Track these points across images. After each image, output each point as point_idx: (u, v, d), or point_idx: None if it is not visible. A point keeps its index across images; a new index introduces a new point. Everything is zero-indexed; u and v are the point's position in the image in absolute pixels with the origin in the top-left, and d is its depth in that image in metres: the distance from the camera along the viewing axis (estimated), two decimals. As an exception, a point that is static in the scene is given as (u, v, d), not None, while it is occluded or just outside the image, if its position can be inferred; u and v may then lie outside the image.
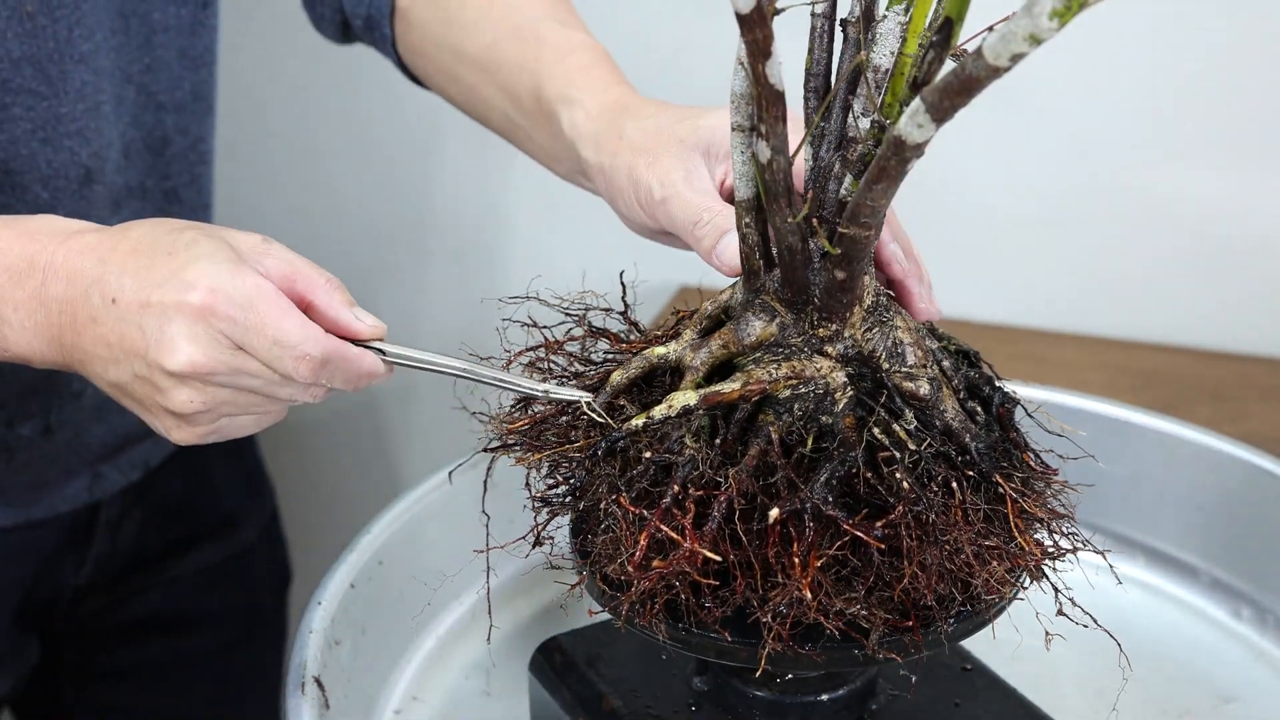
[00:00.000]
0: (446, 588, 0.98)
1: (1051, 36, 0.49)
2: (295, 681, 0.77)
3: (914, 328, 0.72)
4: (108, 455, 1.06)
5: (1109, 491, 1.01)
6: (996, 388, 0.74)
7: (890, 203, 0.64)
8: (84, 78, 0.91)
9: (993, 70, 0.52)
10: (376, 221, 1.66)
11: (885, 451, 0.68)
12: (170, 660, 1.18)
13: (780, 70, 0.62)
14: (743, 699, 0.77)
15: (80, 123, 0.91)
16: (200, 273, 0.66)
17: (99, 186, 0.94)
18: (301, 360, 0.67)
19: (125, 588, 1.13)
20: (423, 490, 0.94)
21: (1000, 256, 1.46)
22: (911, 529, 0.65)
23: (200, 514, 1.17)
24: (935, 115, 0.56)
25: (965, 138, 1.35)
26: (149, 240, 0.68)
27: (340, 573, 0.86)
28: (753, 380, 0.69)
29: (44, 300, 0.69)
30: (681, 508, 0.66)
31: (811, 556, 0.65)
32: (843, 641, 0.67)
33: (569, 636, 0.85)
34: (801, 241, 0.68)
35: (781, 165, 0.65)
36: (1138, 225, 1.40)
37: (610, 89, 0.88)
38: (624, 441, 0.69)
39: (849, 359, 0.70)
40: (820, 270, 0.69)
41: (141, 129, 0.98)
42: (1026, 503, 0.69)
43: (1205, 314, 1.41)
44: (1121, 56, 1.35)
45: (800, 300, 0.70)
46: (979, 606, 0.69)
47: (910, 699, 0.78)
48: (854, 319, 0.70)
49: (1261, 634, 0.97)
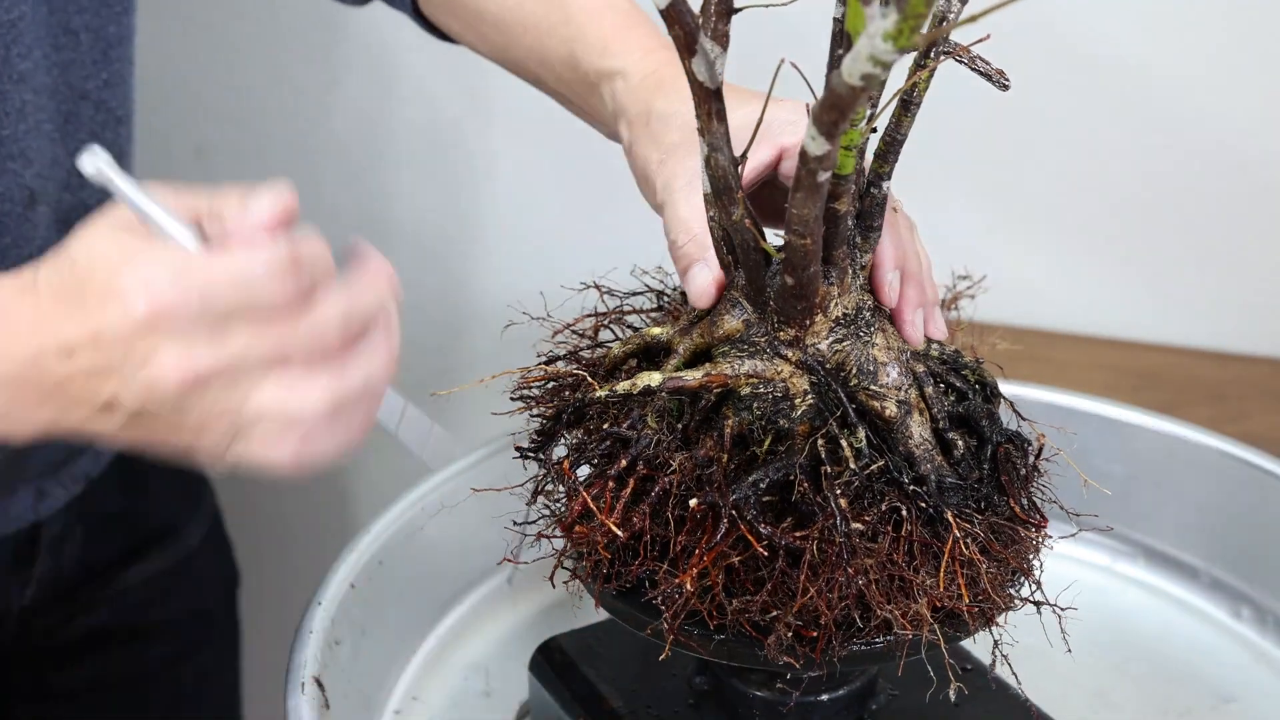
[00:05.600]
0: (446, 588, 0.98)
1: (891, 58, 0.48)
2: (295, 682, 0.77)
3: (896, 348, 0.72)
4: (50, 471, 1.03)
5: (1108, 491, 1.01)
6: (1000, 426, 0.73)
7: (817, 213, 0.63)
8: (24, 97, 0.87)
9: (851, 89, 0.52)
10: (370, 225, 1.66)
11: (825, 465, 0.67)
12: (124, 674, 1.15)
13: (713, 67, 0.62)
14: (742, 699, 0.77)
15: (22, 143, 0.88)
16: (124, 283, 0.57)
17: (43, 208, 0.91)
18: (275, 275, 0.58)
19: (73, 604, 1.10)
20: (423, 490, 0.94)
21: (1000, 256, 1.46)
22: (822, 546, 0.65)
23: (142, 523, 1.14)
24: (822, 130, 0.56)
25: (965, 138, 1.35)
26: (56, 282, 0.60)
27: (340, 573, 0.86)
28: (715, 372, 0.70)
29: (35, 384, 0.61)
30: (622, 483, 0.68)
31: (711, 551, 0.65)
32: (737, 638, 0.67)
33: (569, 636, 0.85)
34: (754, 240, 0.69)
35: (720, 163, 0.65)
36: (1138, 225, 1.40)
37: (649, 56, 0.83)
38: (595, 410, 0.71)
39: (810, 367, 0.70)
40: (776, 273, 0.69)
41: (102, 144, 0.92)
42: (970, 547, 0.67)
43: (1205, 314, 1.41)
44: (1122, 58, 1.35)
45: (762, 300, 0.71)
46: (889, 638, 0.67)
47: (910, 699, 0.78)
48: (817, 328, 0.70)
49: (1261, 634, 0.97)
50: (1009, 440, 0.73)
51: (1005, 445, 0.72)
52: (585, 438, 0.72)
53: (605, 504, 0.68)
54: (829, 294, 0.70)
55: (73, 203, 0.94)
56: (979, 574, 0.67)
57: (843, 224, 0.69)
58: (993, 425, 0.73)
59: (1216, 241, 1.38)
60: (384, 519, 0.91)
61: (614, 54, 0.84)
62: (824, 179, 0.60)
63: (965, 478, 0.70)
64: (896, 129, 0.71)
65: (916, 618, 0.66)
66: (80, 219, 0.91)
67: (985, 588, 0.67)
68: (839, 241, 0.69)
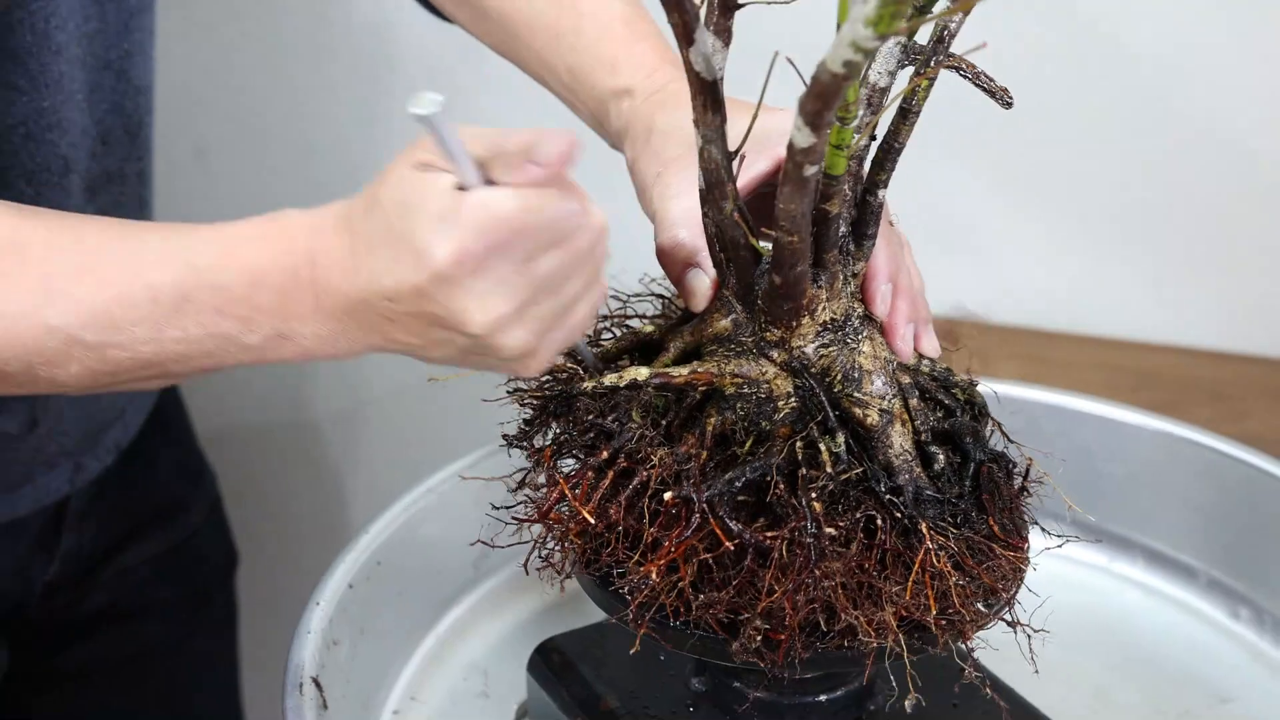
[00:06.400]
0: (444, 588, 0.98)
1: (873, 44, 0.49)
2: (294, 681, 0.77)
3: (884, 359, 0.72)
4: (86, 443, 1.05)
5: (1107, 491, 1.01)
6: (985, 445, 0.73)
7: (804, 210, 0.63)
8: (61, 68, 0.90)
9: (834, 76, 0.52)
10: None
11: (802, 468, 0.67)
12: (124, 654, 1.16)
13: (710, 59, 0.62)
14: (740, 699, 0.76)
15: (60, 114, 0.90)
16: (431, 237, 0.60)
17: (75, 175, 0.93)
18: (570, 212, 0.62)
19: (88, 582, 1.12)
20: (421, 490, 0.94)
21: (1000, 256, 1.46)
22: (791, 547, 0.65)
23: (147, 502, 1.16)
24: (808, 121, 0.56)
25: (967, 138, 1.35)
26: (368, 228, 0.63)
27: (339, 573, 0.86)
28: (700, 369, 0.70)
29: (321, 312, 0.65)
30: (601, 474, 0.69)
31: (681, 544, 0.65)
32: (706, 632, 0.68)
33: (567, 637, 0.85)
34: (744, 238, 0.69)
35: (713, 156, 0.65)
36: (1138, 225, 1.40)
37: (655, 73, 0.84)
38: (583, 403, 0.72)
39: (794, 369, 0.70)
40: (765, 273, 0.69)
41: (122, 115, 0.97)
42: (942, 559, 0.67)
43: (1205, 314, 1.41)
44: (1122, 58, 1.35)
45: (750, 299, 0.71)
46: (853, 643, 0.67)
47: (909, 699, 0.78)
48: (803, 330, 0.70)
49: (1260, 634, 0.97)
50: (993, 460, 0.72)
51: (989, 465, 0.72)
52: (570, 428, 0.73)
53: (582, 492, 0.69)
54: (817, 297, 0.70)
55: (98, 171, 0.96)
56: (949, 587, 0.67)
57: (834, 226, 0.69)
58: (977, 443, 0.72)
59: (1216, 241, 1.38)
60: (383, 519, 0.91)
61: (621, 71, 0.85)
62: (811, 173, 0.60)
63: (944, 492, 0.70)
64: (895, 136, 0.71)
65: (882, 625, 0.66)
66: (104, 186, 0.94)
67: (954, 600, 0.67)
68: (830, 244, 0.69)
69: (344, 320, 0.64)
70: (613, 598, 0.71)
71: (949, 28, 0.69)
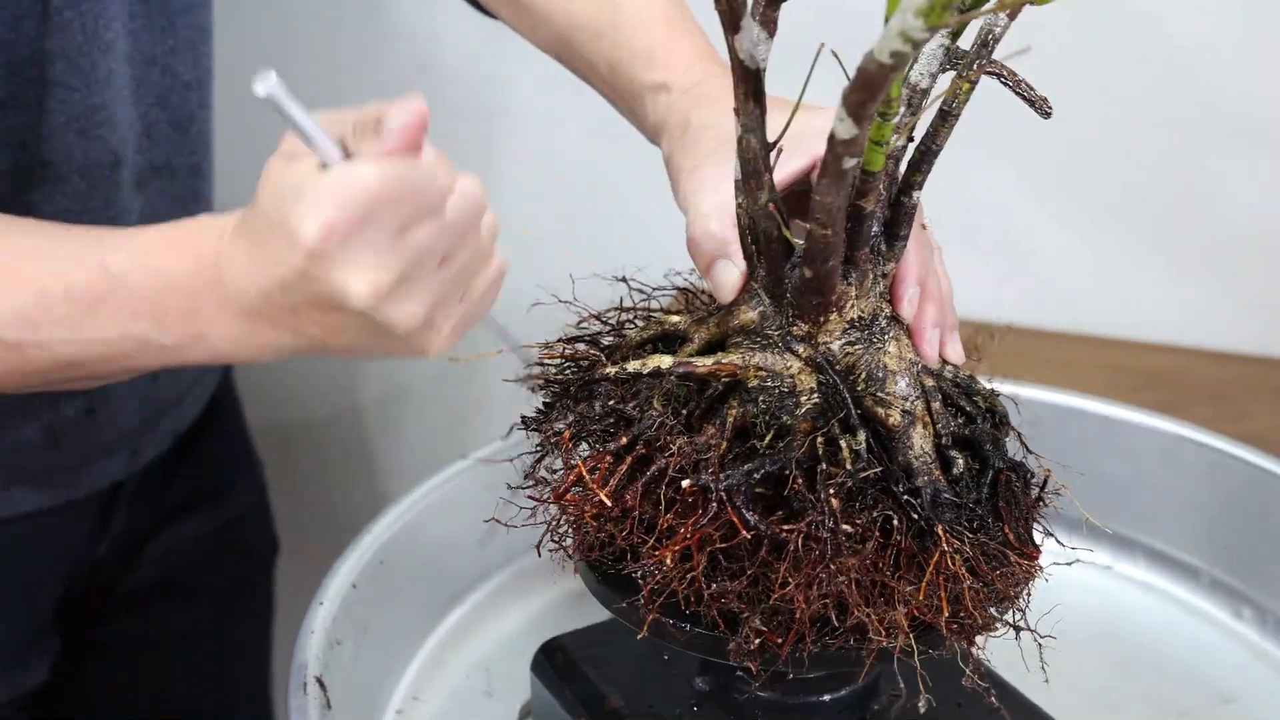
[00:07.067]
0: (448, 587, 0.98)
1: (923, 36, 0.49)
2: (297, 681, 0.77)
3: (908, 360, 0.72)
4: (144, 429, 1.06)
5: (1109, 491, 1.01)
6: (1004, 453, 0.73)
7: (840, 204, 0.63)
8: (110, 66, 0.91)
9: (881, 67, 0.52)
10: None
11: (821, 464, 0.67)
12: (164, 635, 1.18)
13: (757, 47, 0.62)
14: (745, 699, 0.77)
15: (110, 110, 0.92)
16: (297, 219, 0.61)
17: (125, 169, 0.95)
18: (432, 175, 0.63)
19: (137, 559, 1.14)
20: (424, 490, 0.94)
21: (1000, 256, 1.46)
22: (807, 541, 0.65)
23: (198, 487, 1.18)
24: (851, 112, 0.56)
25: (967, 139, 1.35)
26: (252, 225, 0.65)
27: (342, 572, 0.86)
28: (725, 361, 0.70)
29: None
30: (619, 459, 0.69)
31: (697, 532, 0.66)
32: (707, 627, 0.68)
33: (571, 636, 0.85)
34: (777, 229, 0.69)
35: (752, 145, 0.65)
36: (1139, 225, 1.40)
37: (693, 69, 0.84)
38: (604, 390, 0.72)
39: (819, 365, 0.70)
40: (796, 265, 0.69)
41: (168, 109, 0.99)
42: (956, 562, 0.67)
43: (1205, 314, 1.41)
44: (1122, 62, 1.35)
45: (779, 292, 0.71)
46: (862, 641, 0.67)
47: (912, 700, 0.78)
48: (830, 326, 0.70)
49: (1262, 634, 0.97)
50: (1011, 468, 0.72)
51: (1007, 473, 0.72)
52: (590, 413, 0.73)
53: (599, 476, 0.69)
54: (846, 294, 0.70)
55: (143, 164, 0.98)
56: (962, 590, 0.67)
57: (867, 224, 0.69)
58: (996, 451, 0.72)
59: (1217, 241, 1.38)
60: (385, 518, 0.91)
61: (659, 66, 0.85)
62: (850, 166, 0.60)
63: (962, 496, 0.70)
64: (933, 139, 0.71)
65: (893, 624, 0.66)
66: (149, 180, 0.95)
67: (966, 604, 0.67)
68: (862, 242, 0.69)
69: (254, 320, 0.66)
70: (617, 593, 0.71)
71: (994, 32, 0.69)
